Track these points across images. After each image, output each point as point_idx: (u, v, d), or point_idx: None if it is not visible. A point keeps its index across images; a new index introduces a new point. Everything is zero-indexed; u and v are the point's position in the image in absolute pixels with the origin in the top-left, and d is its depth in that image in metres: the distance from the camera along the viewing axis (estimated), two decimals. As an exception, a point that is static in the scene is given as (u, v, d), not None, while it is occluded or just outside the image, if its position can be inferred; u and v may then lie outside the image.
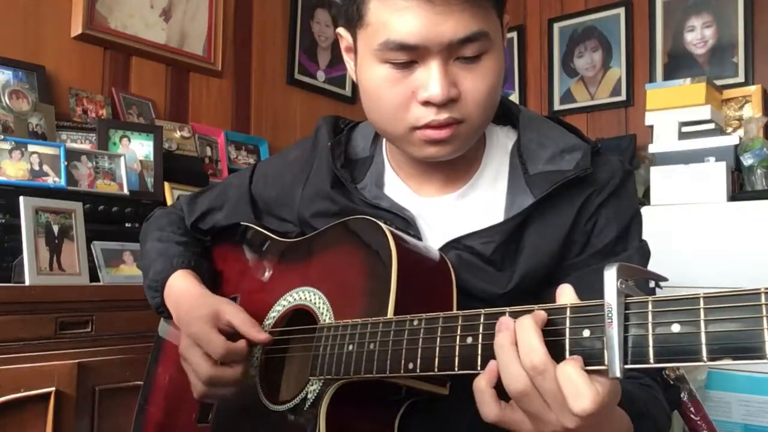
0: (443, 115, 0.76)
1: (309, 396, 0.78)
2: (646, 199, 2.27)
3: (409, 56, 0.75)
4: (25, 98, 1.85)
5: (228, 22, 2.59)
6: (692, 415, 1.41)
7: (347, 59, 0.87)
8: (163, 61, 2.38)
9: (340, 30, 0.86)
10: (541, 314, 0.57)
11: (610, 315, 0.52)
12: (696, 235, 2.04)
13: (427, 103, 0.76)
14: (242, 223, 1.05)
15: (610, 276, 0.53)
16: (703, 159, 2.14)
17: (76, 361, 1.50)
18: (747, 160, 2.15)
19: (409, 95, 0.77)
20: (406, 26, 0.73)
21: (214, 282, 1.05)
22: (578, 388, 0.53)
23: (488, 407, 0.59)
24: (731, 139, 2.16)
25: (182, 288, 0.97)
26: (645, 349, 0.51)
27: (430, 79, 0.74)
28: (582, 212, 0.83)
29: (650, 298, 0.52)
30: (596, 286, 0.59)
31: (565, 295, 0.59)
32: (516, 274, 0.81)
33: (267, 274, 0.97)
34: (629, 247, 0.84)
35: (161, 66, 2.39)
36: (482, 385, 0.59)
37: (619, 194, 0.84)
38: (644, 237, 0.87)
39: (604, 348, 0.52)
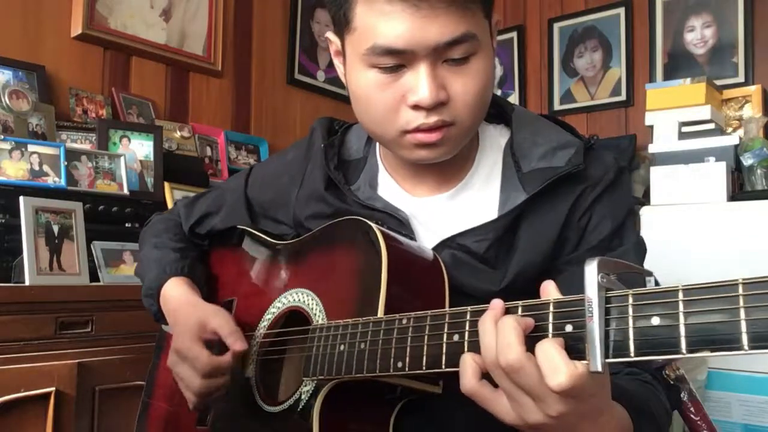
0: (433, 119, 0.76)
1: (302, 397, 0.78)
2: (646, 199, 2.27)
3: (396, 60, 0.75)
4: (25, 98, 1.85)
5: (228, 22, 2.60)
6: (692, 415, 1.41)
7: (337, 63, 0.87)
8: (163, 61, 2.39)
9: (329, 35, 0.86)
10: (528, 321, 0.57)
11: (590, 309, 0.52)
12: (696, 235, 2.04)
13: (416, 107, 0.75)
14: (238, 226, 1.05)
15: (591, 270, 0.53)
16: (703, 159, 2.14)
17: (76, 361, 1.50)
18: (747, 160, 2.15)
19: (398, 99, 0.76)
20: (393, 31, 0.73)
21: (210, 286, 1.05)
22: (555, 363, 0.53)
23: (466, 378, 0.60)
24: (731, 139, 2.16)
25: (175, 296, 0.98)
26: (626, 343, 0.51)
27: (419, 82, 0.74)
28: (575, 208, 0.82)
29: (630, 291, 0.52)
30: None
31: (550, 292, 0.59)
32: (510, 271, 0.81)
33: (263, 277, 0.97)
34: (625, 243, 0.84)
35: (161, 66, 2.39)
36: (467, 357, 0.60)
37: (613, 190, 0.84)
38: (644, 237, 0.87)
39: (586, 342, 0.52)
